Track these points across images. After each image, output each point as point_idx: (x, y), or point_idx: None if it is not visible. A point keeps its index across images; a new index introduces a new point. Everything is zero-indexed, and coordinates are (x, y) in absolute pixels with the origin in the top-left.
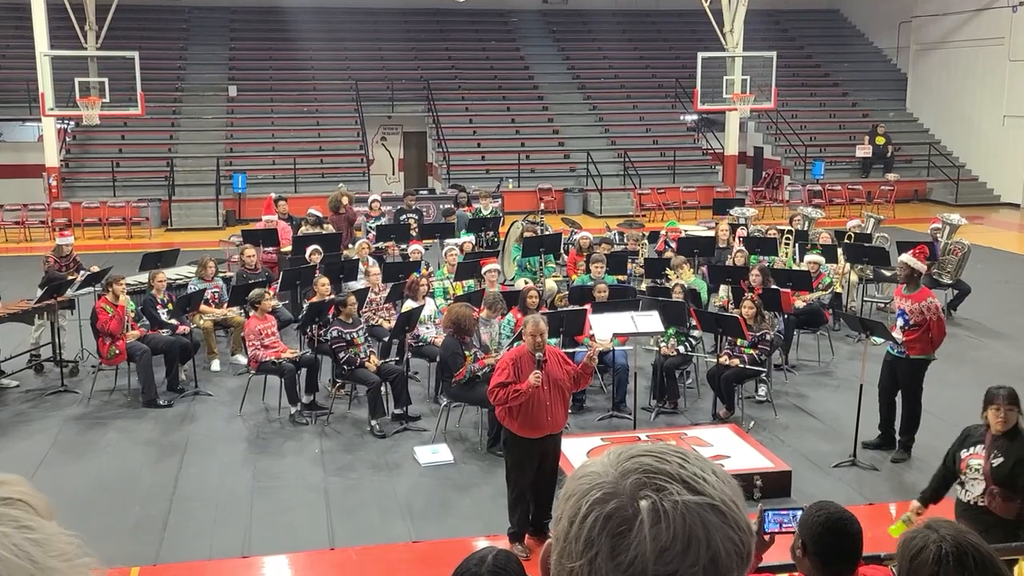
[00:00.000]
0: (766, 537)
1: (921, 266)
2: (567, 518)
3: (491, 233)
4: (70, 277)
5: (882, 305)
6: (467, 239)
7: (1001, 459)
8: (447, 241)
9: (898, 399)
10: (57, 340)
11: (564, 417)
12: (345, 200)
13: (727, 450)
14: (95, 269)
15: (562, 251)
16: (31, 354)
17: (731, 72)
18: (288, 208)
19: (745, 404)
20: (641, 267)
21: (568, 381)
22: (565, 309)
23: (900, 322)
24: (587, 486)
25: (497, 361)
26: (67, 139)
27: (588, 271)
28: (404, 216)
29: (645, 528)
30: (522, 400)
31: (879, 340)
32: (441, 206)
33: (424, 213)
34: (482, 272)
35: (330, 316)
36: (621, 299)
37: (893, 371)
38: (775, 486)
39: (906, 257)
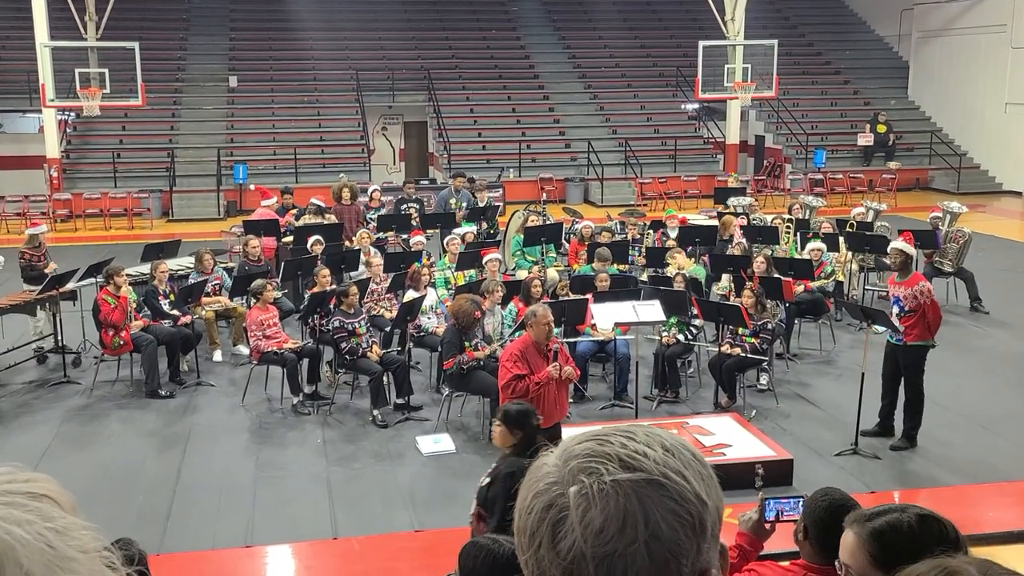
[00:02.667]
0: (767, 525)
1: (912, 250)
2: (517, 513)
3: (488, 225)
4: (47, 270)
5: (883, 294)
6: (469, 229)
7: (488, 479)
8: (454, 231)
9: (902, 389)
10: (59, 331)
11: (566, 404)
12: (346, 194)
13: (729, 439)
14: (52, 267)
15: (563, 241)
16: (36, 346)
17: (732, 60)
18: (292, 199)
19: (747, 393)
20: (642, 256)
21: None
22: (567, 299)
23: (896, 309)
24: (534, 479)
25: (499, 355)
26: (68, 130)
27: (589, 261)
28: (405, 206)
29: (574, 513)
30: (540, 391)
31: (880, 329)
32: (439, 194)
33: (425, 203)
34: (483, 262)
35: (331, 306)
36: (622, 288)
37: (895, 359)
38: (777, 474)
39: (898, 243)
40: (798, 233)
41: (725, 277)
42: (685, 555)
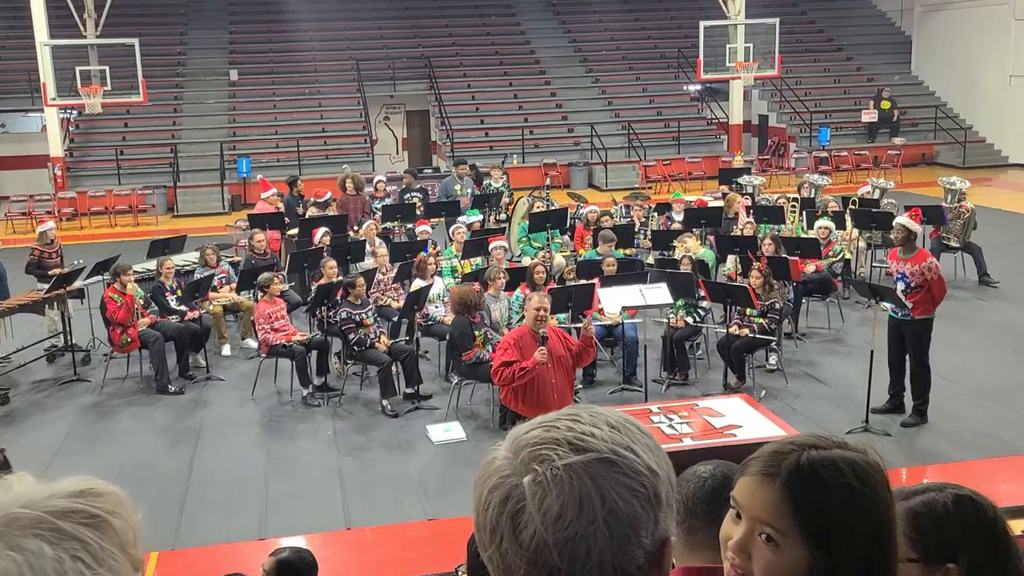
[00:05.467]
0: None
1: (917, 227)
2: (474, 509)
3: (499, 207)
4: (52, 272)
5: (891, 271)
6: (475, 217)
7: None
8: (459, 219)
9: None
10: (68, 329)
11: (570, 394)
12: (349, 184)
13: (739, 420)
14: (78, 263)
15: (568, 225)
16: (51, 344)
17: (734, 40)
18: (303, 188)
19: (756, 373)
20: (648, 239)
21: (570, 358)
22: (573, 284)
23: (901, 286)
24: (486, 474)
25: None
26: (70, 128)
27: (595, 245)
28: (409, 195)
29: (531, 502)
30: (529, 378)
31: (888, 305)
32: (442, 182)
33: (429, 192)
34: (489, 249)
35: (338, 298)
36: (629, 272)
37: (899, 334)
38: None
39: (902, 219)
40: (804, 212)
41: (731, 258)
42: (644, 527)
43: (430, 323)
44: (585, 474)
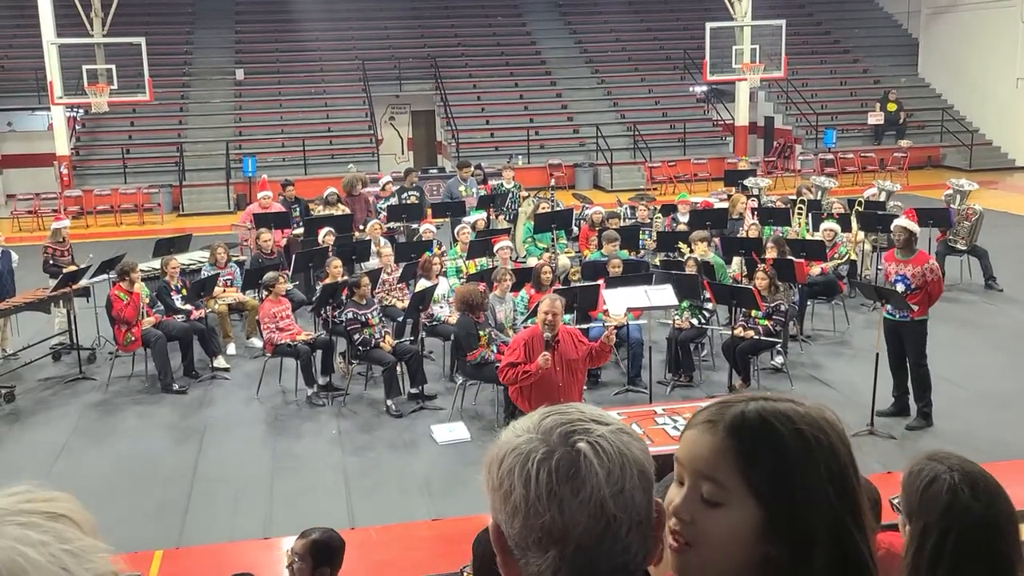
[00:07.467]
0: None
1: (916, 228)
2: (520, 486)
3: (506, 208)
4: (67, 269)
5: (887, 272)
6: (479, 216)
7: None
8: (463, 220)
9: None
10: (74, 327)
11: (579, 397)
12: (359, 188)
13: None
14: (91, 257)
15: (574, 226)
16: (57, 342)
17: (740, 42)
18: (295, 192)
19: (761, 375)
20: (653, 241)
21: (583, 361)
22: (578, 285)
23: (901, 287)
24: (521, 455)
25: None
26: (77, 127)
27: (600, 246)
28: (406, 194)
29: (594, 463)
30: (531, 380)
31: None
32: (447, 183)
33: (423, 190)
34: (494, 250)
35: (344, 298)
36: (634, 274)
37: (897, 336)
38: None
39: (902, 221)
40: (810, 214)
41: (736, 260)
42: (653, 481)
43: (435, 323)
44: (618, 439)
